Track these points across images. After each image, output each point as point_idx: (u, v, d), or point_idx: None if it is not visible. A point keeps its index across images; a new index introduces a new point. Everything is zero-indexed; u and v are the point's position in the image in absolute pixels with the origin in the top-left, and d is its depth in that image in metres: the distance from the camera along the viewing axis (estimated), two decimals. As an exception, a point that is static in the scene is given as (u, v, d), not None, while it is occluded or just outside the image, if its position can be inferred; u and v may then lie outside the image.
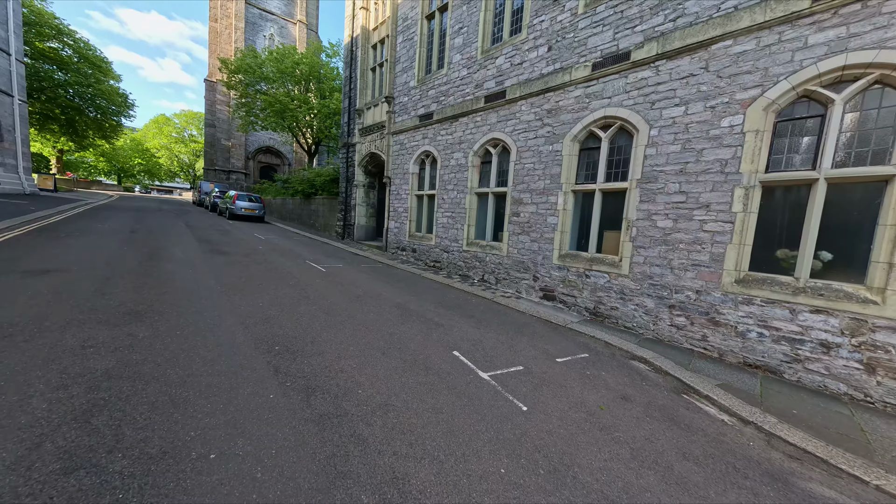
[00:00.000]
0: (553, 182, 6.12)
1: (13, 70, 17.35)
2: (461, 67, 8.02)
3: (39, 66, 23.69)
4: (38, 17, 22.51)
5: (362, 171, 12.29)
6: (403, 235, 10.17)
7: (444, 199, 8.65)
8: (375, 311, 5.07)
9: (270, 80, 20.62)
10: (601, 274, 5.39)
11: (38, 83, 23.33)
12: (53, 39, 24.00)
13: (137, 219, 13.44)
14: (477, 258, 7.75)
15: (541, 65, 6.31)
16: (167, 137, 50.24)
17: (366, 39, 11.53)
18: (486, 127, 7.44)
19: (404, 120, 9.85)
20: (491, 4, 7.40)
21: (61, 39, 24.33)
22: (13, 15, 17.19)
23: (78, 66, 25.12)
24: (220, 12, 30.93)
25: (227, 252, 8.50)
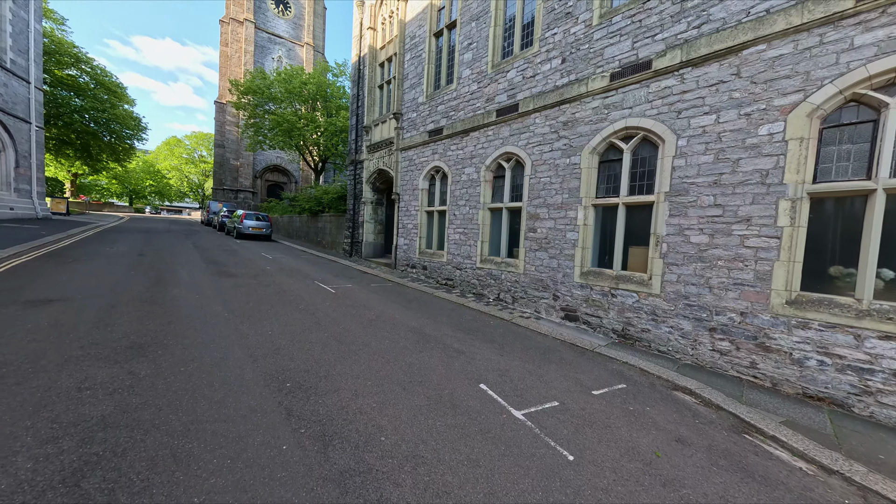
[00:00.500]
0: (572, 196, 5.87)
1: (32, 98, 17.88)
2: (471, 82, 7.94)
3: (57, 93, 24.52)
4: (57, 46, 23.40)
5: (370, 187, 12.20)
6: (413, 252, 9.93)
7: (455, 215, 8.43)
8: (390, 338, 4.76)
9: (278, 100, 21.01)
10: (629, 293, 5.05)
11: (55, 109, 24.08)
12: (72, 67, 24.88)
13: (146, 241, 13.43)
14: (491, 276, 7.45)
15: (555, 77, 6.16)
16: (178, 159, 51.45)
17: (373, 58, 11.64)
18: (499, 141, 7.28)
19: (413, 136, 9.77)
20: (500, 20, 7.36)
21: (79, 67, 25.22)
22: (34, 45, 17.84)
23: (94, 92, 25.95)
24: (230, 37, 32.03)
25: (234, 274, 8.31)
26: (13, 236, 10.59)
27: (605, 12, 5.47)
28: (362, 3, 12.07)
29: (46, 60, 22.10)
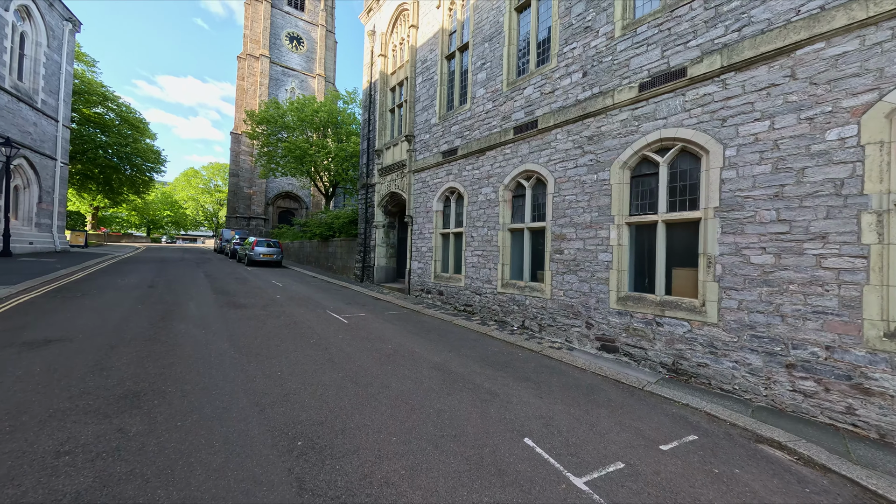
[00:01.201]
0: (602, 214, 5.43)
1: (59, 136, 18.67)
2: (486, 101, 7.77)
3: (84, 130, 25.76)
4: (87, 86, 24.76)
5: (382, 210, 11.99)
6: (428, 277, 9.50)
7: (472, 237, 8.04)
8: (413, 377, 4.25)
9: (291, 129, 21.58)
10: (678, 321, 4.47)
11: (81, 146, 25.18)
12: (99, 105, 26.24)
13: (158, 271, 13.35)
14: (514, 301, 6.92)
15: (576, 91, 5.90)
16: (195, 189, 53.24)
17: (384, 83, 11.78)
18: (517, 159, 6.97)
19: (426, 157, 9.60)
20: (514, 39, 7.26)
21: (106, 105, 26.58)
22: (64, 86, 18.84)
23: (119, 128, 27.21)
24: (246, 72, 33.72)
25: (243, 305, 7.97)
26: (28, 271, 10.58)
27: (627, 24, 5.25)
28: (373, 33, 12.39)
29: (76, 100, 23.35)
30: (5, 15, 14.44)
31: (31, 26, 16.33)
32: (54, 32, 17.57)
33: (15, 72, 15.57)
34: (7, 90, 14.71)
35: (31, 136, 16.38)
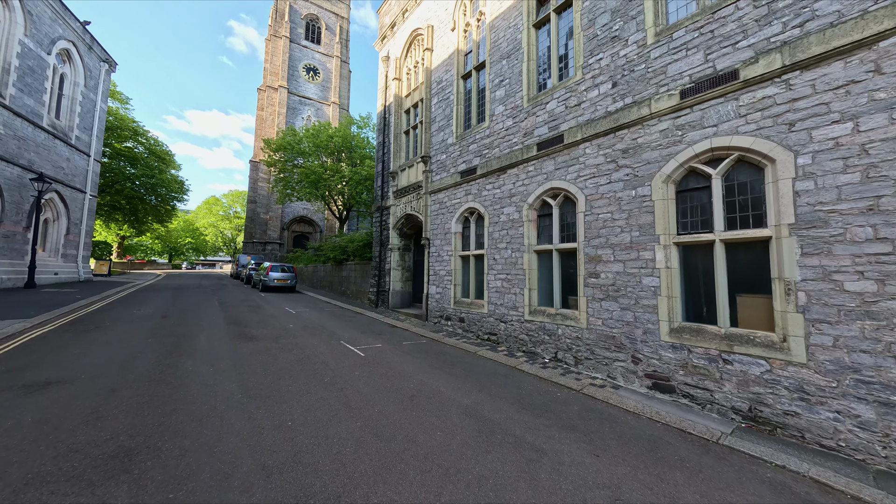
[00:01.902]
0: (643, 234, 4.87)
1: (90, 170, 19.52)
2: (505, 118, 7.49)
3: (115, 163, 27.09)
4: (119, 122, 26.22)
5: (397, 233, 11.70)
6: (447, 302, 8.97)
7: (495, 260, 7.54)
8: (442, 426, 3.67)
9: (307, 154, 22.06)
10: (752, 360, 3.78)
11: (111, 178, 26.39)
12: (130, 140, 27.69)
13: (174, 299, 13.29)
14: (545, 330, 6.29)
15: (605, 102, 5.51)
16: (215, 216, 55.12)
17: (399, 106, 11.80)
18: (542, 176, 6.56)
19: (443, 178, 9.33)
20: (533, 54, 7.04)
21: (136, 139, 28.05)
22: (98, 122, 19.89)
23: (147, 160, 28.53)
24: (265, 102, 35.35)
25: (255, 336, 7.60)
26: (48, 302, 10.62)
27: (661, 30, 4.89)
28: (387, 58, 12.59)
29: (108, 135, 24.69)
30: (47, 58, 15.47)
31: (70, 68, 17.46)
32: (91, 73, 18.74)
33: (53, 111, 16.53)
34: (44, 128, 15.53)
35: (64, 171, 17.13)
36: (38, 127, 15.17)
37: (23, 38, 14.03)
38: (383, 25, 12.99)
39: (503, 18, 7.77)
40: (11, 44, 13.65)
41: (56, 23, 15.83)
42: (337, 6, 41.42)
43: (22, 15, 13.87)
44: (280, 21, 36.91)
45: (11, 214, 13.71)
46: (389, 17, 12.54)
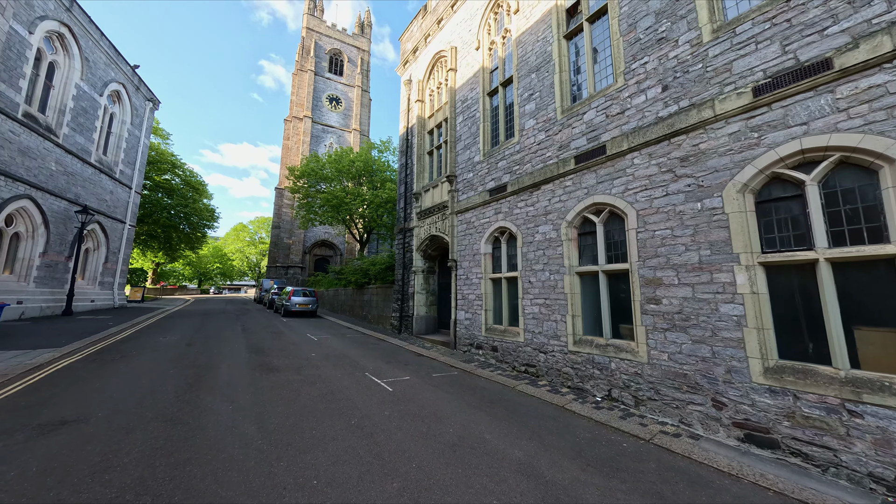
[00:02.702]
0: (716, 252, 4.18)
1: (131, 201, 20.64)
2: (536, 132, 7.10)
3: (153, 195, 28.79)
4: (160, 156, 28.06)
5: (421, 255, 11.31)
6: (478, 329, 8.32)
7: (531, 283, 6.92)
8: (497, 492, 3.00)
9: (329, 180, 22.55)
10: (894, 413, 2.94)
11: (148, 208, 27.96)
12: (168, 172, 29.52)
13: (200, 325, 13.30)
14: (594, 363, 5.53)
15: (655, 108, 5.00)
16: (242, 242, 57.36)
17: (422, 127, 11.75)
18: (582, 191, 6.02)
19: (470, 196, 8.95)
20: (566, 65, 6.71)
21: (174, 172, 29.88)
22: (140, 157, 21.22)
23: (182, 191, 30.19)
24: (291, 132, 37.16)
25: (276, 367, 7.20)
26: (81, 330, 10.79)
27: (719, 26, 4.41)
28: (409, 82, 12.74)
29: (149, 168, 26.37)
30: (99, 99, 16.77)
31: (119, 107, 18.89)
32: (137, 111, 20.20)
33: (101, 147, 17.75)
34: (92, 164, 16.61)
35: (107, 203, 18.14)
36: (87, 163, 16.23)
37: (79, 82, 15.29)
38: (405, 51, 13.27)
39: (530, 33, 7.56)
40: (69, 87, 14.88)
41: (109, 67, 17.27)
42: (359, 41, 43.99)
43: (80, 61, 15.18)
44: (306, 56, 39.42)
45: (55, 245, 14.42)
46: (411, 42, 12.80)
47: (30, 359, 7.24)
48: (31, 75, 13.18)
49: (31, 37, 12.60)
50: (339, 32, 42.46)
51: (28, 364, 6.80)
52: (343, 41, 42.55)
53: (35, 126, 13.14)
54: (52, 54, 14.17)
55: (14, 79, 12.17)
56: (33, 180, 13.11)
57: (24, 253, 13.32)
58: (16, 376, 6.04)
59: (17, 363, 6.89)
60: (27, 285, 13.27)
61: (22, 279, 13.22)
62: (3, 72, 11.70)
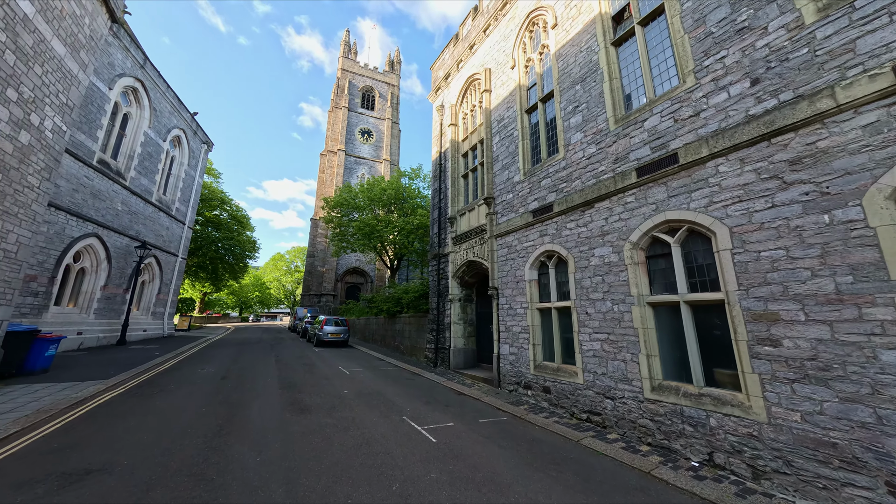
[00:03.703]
0: (862, 279, 3.17)
1: (184, 236, 22.17)
2: (586, 145, 6.46)
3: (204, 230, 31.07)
4: (211, 193, 30.49)
5: (457, 282, 10.67)
6: (525, 366, 7.38)
7: (588, 314, 5.99)
8: None
9: (361, 209, 23.01)
10: None
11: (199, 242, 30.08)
12: (218, 208, 31.93)
13: (236, 356, 13.33)
14: (683, 417, 4.43)
15: (743, 105, 4.21)
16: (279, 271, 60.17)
17: (455, 150, 11.55)
18: (648, 207, 5.19)
19: (511, 219, 8.32)
20: (616, 72, 6.14)
21: (223, 208, 32.28)
22: (194, 195, 22.99)
23: (228, 224, 32.39)
24: (326, 165, 39.27)
25: (308, 407, 6.68)
26: (130, 360, 11.14)
27: (826, 3, 3.65)
28: (442, 107, 12.77)
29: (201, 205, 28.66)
30: (163, 144, 18.53)
31: (178, 151, 20.79)
32: (194, 153, 22.13)
33: (162, 188, 19.41)
34: (153, 203, 18.09)
35: (163, 238, 19.54)
36: (148, 202, 17.69)
37: (147, 130, 17.02)
38: (437, 79, 13.46)
39: (571, 45, 7.14)
40: (138, 135, 16.57)
41: (173, 115, 19.20)
42: (389, 77, 46.83)
43: (149, 111, 16.98)
44: (340, 94, 42.37)
45: (115, 278, 15.47)
46: (443, 69, 12.97)
47: (76, 392, 7.33)
48: (108, 126, 14.80)
49: (110, 92, 14.27)
50: (370, 71, 45.56)
51: (73, 398, 6.84)
52: (374, 78, 45.50)
53: (107, 171, 14.56)
54: (127, 106, 15.95)
55: (93, 129, 13.67)
56: (101, 220, 14.32)
57: (88, 286, 14.34)
58: (59, 412, 6.03)
59: (64, 397, 6.95)
60: (87, 317, 14.15)
61: (84, 311, 14.14)
62: (84, 124, 13.19)
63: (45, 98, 7.94)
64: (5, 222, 7.23)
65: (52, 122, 8.30)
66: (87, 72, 9.15)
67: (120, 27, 14.28)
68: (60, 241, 12.43)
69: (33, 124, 7.70)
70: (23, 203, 7.66)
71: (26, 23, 7.02)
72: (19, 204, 7.56)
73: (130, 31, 15.87)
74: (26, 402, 6.57)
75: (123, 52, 14.85)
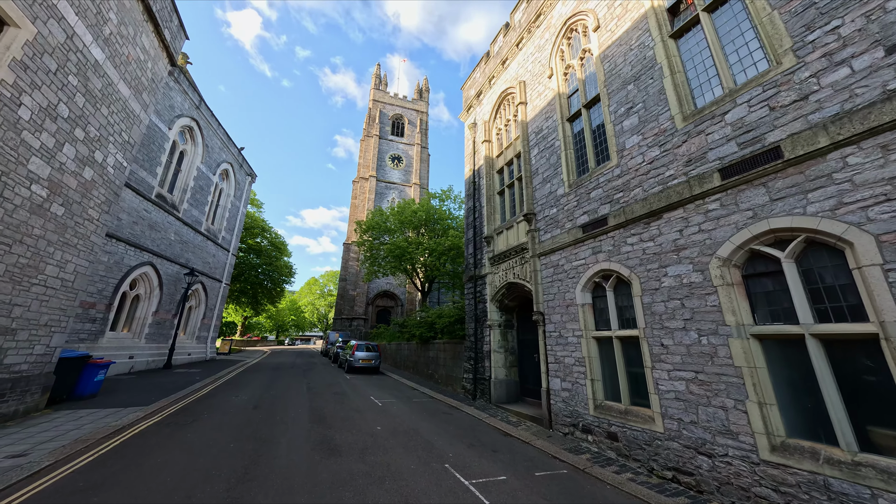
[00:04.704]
0: None
1: (228, 262, 23.34)
2: (646, 148, 5.66)
3: (246, 256, 32.83)
4: (253, 222, 32.39)
5: (496, 306, 9.84)
6: (582, 405, 6.29)
7: (665, 347, 4.95)
8: None
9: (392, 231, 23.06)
10: None
11: (241, 268, 31.72)
12: (259, 236, 33.80)
13: (270, 382, 13.16)
14: (829, 492, 3.24)
15: (876, 80, 3.30)
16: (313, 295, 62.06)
17: (490, 167, 11.08)
18: (742, 215, 4.24)
19: (556, 235, 7.52)
20: (678, 65, 5.40)
21: (264, 235, 34.13)
22: (238, 223, 24.37)
23: (268, 251, 34.04)
24: (358, 191, 40.65)
25: (338, 448, 6.03)
26: (172, 385, 11.30)
27: None
28: (474, 125, 12.52)
29: (244, 234, 30.43)
30: (212, 178, 19.92)
31: (226, 183, 22.30)
32: (239, 185, 23.65)
33: (210, 218, 20.74)
34: (202, 232, 19.24)
35: (210, 265, 20.60)
36: (198, 232, 18.83)
37: (199, 165, 18.40)
38: (468, 98, 13.34)
39: (619, 44, 6.54)
40: (192, 170, 17.92)
41: (222, 150, 20.75)
42: (418, 104, 48.73)
43: (202, 147, 18.42)
44: (372, 124, 44.47)
45: (166, 304, 16.27)
46: (474, 88, 12.84)
47: (117, 419, 7.35)
48: (166, 162, 16.12)
49: (169, 132, 15.64)
50: (400, 100, 47.74)
51: (112, 426, 6.86)
52: (404, 106, 47.53)
53: (163, 204, 15.70)
54: (183, 144, 17.40)
55: (153, 167, 14.90)
56: (155, 249, 15.29)
57: (141, 312, 15.13)
58: (95, 442, 5.99)
59: (104, 425, 6.99)
60: (139, 341, 14.83)
61: (136, 336, 14.85)
62: (146, 161, 14.41)
63: (110, 136, 8.56)
64: (65, 253, 7.61)
65: (115, 158, 8.91)
66: (148, 111, 9.91)
67: (180, 73, 15.86)
68: (119, 270, 13.28)
69: (97, 161, 8.25)
70: (82, 234, 8.08)
71: (97, 68, 7.66)
72: (79, 235, 7.98)
73: (189, 76, 17.62)
74: (68, 431, 6.59)
75: (182, 95, 16.37)
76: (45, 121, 6.62)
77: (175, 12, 10.19)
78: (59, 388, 8.28)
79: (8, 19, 5.66)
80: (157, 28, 9.37)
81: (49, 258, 7.20)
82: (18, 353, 6.90)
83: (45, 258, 7.07)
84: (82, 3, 7.03)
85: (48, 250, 7.14)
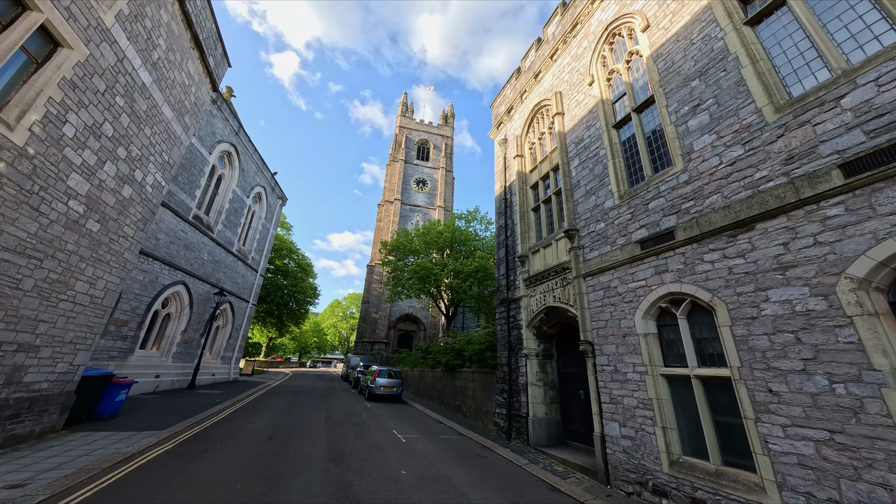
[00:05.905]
0: None
1: (256, 283, 23.71)
2: (723, 148, 4.80)
3: (274, 278, 33.52)
4: (282, 244, 33.30)
5: (533, 333, 8.81)
6: (651, 458, 5.08)
7: (775, 394, 3.82)
8: None
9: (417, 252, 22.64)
10: None
11: (268, 288, 32.29)
12: (286, 258, 34.62)
13: (288, 408, 12.51)
14: None
15: None
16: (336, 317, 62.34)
17: (523, 182, 10.43)
18: (881, 221, 3.25)
19: (606, 253, 6.59)
20: (760, 53, 4.62)
21: (291, 257, 34.92)
22: (268, 245, 24.96)
23: (294, 272, 34.65)
24: (383, 214, 41.20)
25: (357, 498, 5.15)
26: (192, 407, 10.95)
27: None
28: (505, 141, 12.07)
29: (273, 256, 31.22)
30: (246, 200, 20.64)
31: (258, 206, 23.09)
32: (270, 208, 24.43)
33: (242, 239, 21.33)
34: (233, 253, 19.71)
35: (238, 285, 20.92)
36: (230, 252, 19.29)
37: (234, 188, 19.14)
38: (498, 114, 13.04)
39: (676, 41, 5.89)
40: (227, 193, 18.63)
41: (257, 174, 21.63)
42: (443, 129, 49.98)
43: (238, 171, 19.22)
44: (398, 149, 45.78)
45: (195, 323, 16.39)
46: (504, 105, 12.52)
47: (127, 445, 6.96)
48: (205, 185, 16.84)
49: (209, 156, 16.42)
50: (425, 126, 49.23)
51: (122, 453, 6.49)
52: (429, 132, 48.87)
53: (199, 225, 16.21)
54: (221, 168, 18.22)
55: (192, 189, 15.53)
56: (189, 268, 15.62)
57: (170, 331, 15.25)
58: (99, 472, 5.61)
59: (113, 452, 6.67)
60: (167, 360, 14.83)
61: (164, 354, 14.88)
62: (186, 184, 15.04)
63: (150, 156, 8.78)
64: (96, 269, 7.58)
65: (154, 177, 9.10)
66: (189, 133, 10.26)
67: (223, 101, 16.86)
68: (153, 289, 13.51)
69: (136, 179, 8.41)
70: (116, 251, 8.10)
71: (143, 90, 7.95)
72: (112, 252, 7.98)
73: (231, 104, 18.75)
74: (77, 457, 6.23)
75: (223, 122, 17.32)
76: (88, 139, 6.76)
77: (220, 41, 10.75)
78: (79, 407, 8.02)
79: (62, 41, 5.89)
80: (202, 55, 9.84)
81: (80, 274, 7.15)
82: (39, 371, 6.70)
83: (75, 273, 7.02)
84: (134, 29, 7.37)
85: (79, 266, 7.10)
